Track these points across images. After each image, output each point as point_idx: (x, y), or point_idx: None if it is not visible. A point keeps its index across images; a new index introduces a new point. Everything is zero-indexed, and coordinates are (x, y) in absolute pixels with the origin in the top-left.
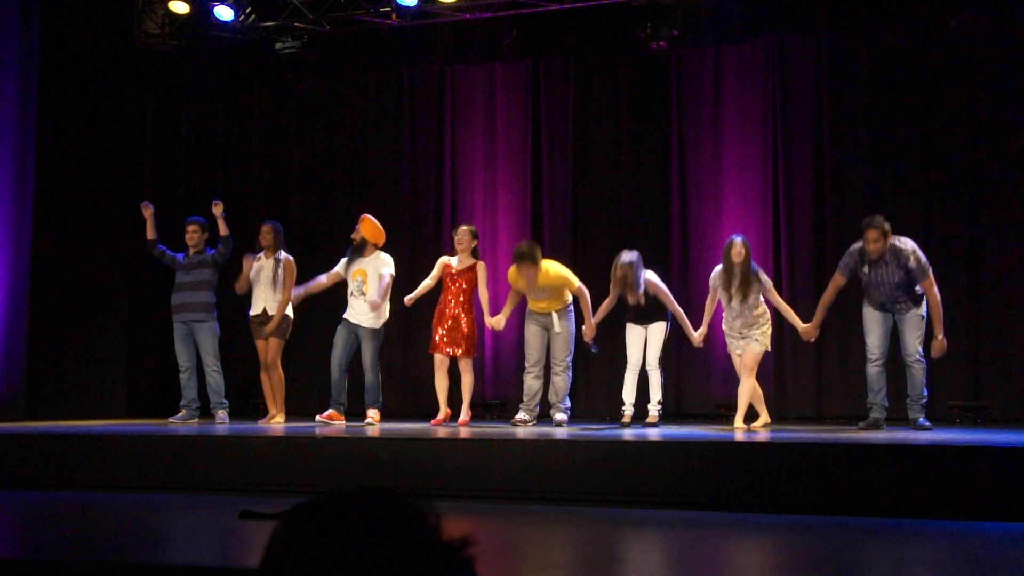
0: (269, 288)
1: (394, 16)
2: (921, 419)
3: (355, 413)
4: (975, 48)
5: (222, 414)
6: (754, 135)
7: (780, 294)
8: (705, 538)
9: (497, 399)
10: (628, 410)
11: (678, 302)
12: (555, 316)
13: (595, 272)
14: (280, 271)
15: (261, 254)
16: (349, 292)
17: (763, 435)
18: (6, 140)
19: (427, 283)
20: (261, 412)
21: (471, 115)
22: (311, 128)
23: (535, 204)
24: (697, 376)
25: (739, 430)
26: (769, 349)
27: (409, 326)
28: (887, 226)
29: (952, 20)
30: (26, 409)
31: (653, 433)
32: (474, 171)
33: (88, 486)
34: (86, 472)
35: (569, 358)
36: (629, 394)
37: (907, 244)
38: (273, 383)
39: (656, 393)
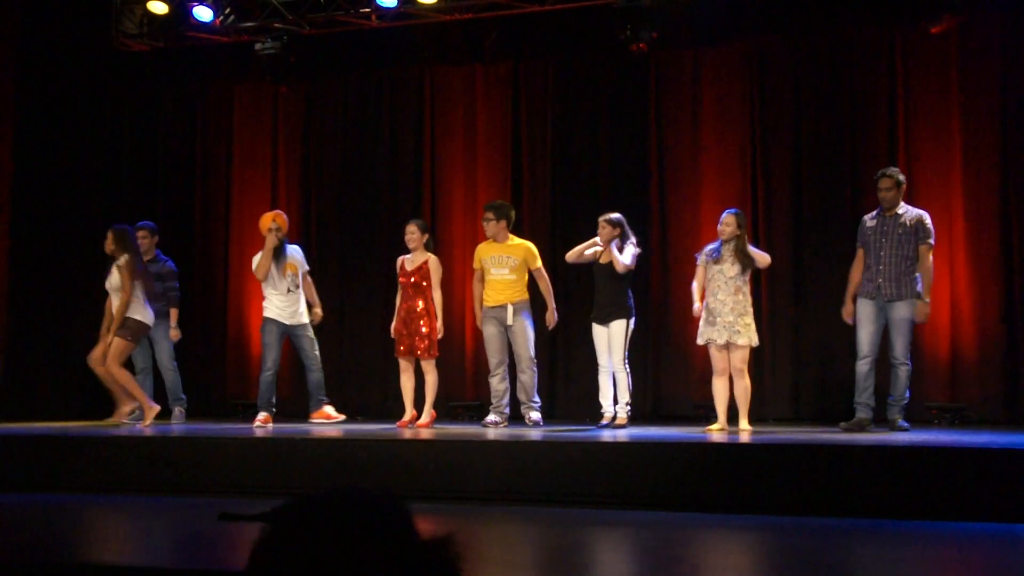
0: (114, 294)
1: (374, 17)
2: (900, 420)
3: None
4: (953, 49)
5: (179, 411)
6: (733, 136)
7: (759, 292)
8: (681, 539)
9: (477, 400)
10: (607, 411)
11: (656, 301)
12: (510, 308)
13: (575, 274)
14: (116, 276)
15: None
16: (285, 289)
17: (740, 437)
18: None
19: (398, 301)
20: (240, 412)
21: (451, 117)
22: (291, 130)
23: (515, 205)
24: (675, 378)
25: (745, 432)
26: (755, 343)
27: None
28: (901, 177)
29: (930, 23)
30: None
31: (628, 434)
32: (454, 173)
33: (65, 488)
34: (62, 474)
35: (532, 355)
36: (605, 396)
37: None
38: (118, 380)
39: (623, 395)
